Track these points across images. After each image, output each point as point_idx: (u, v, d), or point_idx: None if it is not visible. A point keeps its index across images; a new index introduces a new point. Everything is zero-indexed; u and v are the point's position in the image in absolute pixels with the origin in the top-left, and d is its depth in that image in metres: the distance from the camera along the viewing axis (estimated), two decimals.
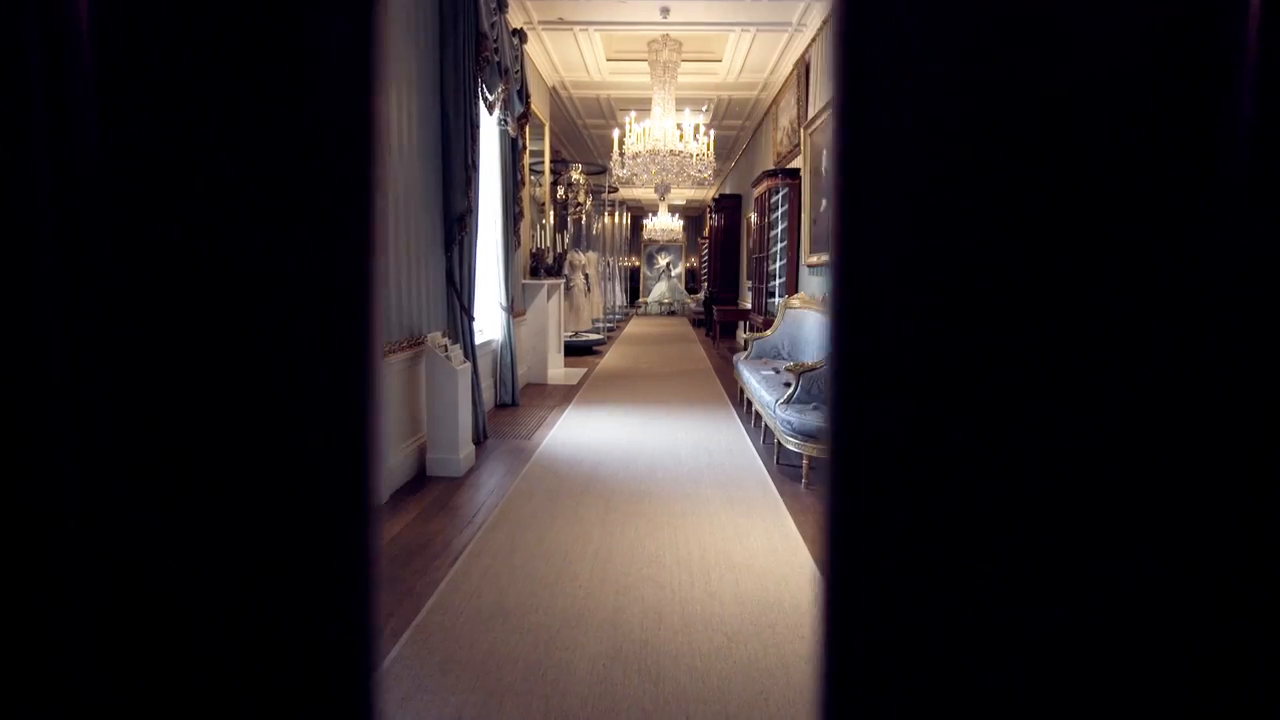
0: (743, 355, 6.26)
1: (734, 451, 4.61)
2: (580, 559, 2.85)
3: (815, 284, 6.36)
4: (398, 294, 3.85)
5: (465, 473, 4.08)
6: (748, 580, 2.66)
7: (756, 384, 4.95)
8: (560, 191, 10.18)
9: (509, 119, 5.40)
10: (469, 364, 4.19)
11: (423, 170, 4.22)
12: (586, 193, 11.01)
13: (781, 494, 3.72)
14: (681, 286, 22.39)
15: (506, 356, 5.97)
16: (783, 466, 4.28)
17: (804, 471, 3.89)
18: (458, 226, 4.51)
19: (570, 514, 3.38)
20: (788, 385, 4.61)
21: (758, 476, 4.04)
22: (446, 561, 2.84)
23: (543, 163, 8.40)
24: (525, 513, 3.40)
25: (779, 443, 4.26)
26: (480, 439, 4.76)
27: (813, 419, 3.82)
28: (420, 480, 3.96)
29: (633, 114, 7.34)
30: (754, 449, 4.67)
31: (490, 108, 4.95)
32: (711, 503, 3.57)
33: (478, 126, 4.55)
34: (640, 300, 22.45)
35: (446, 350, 4.04)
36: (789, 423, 3.89)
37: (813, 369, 4.19)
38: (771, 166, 8.07)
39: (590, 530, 3.17)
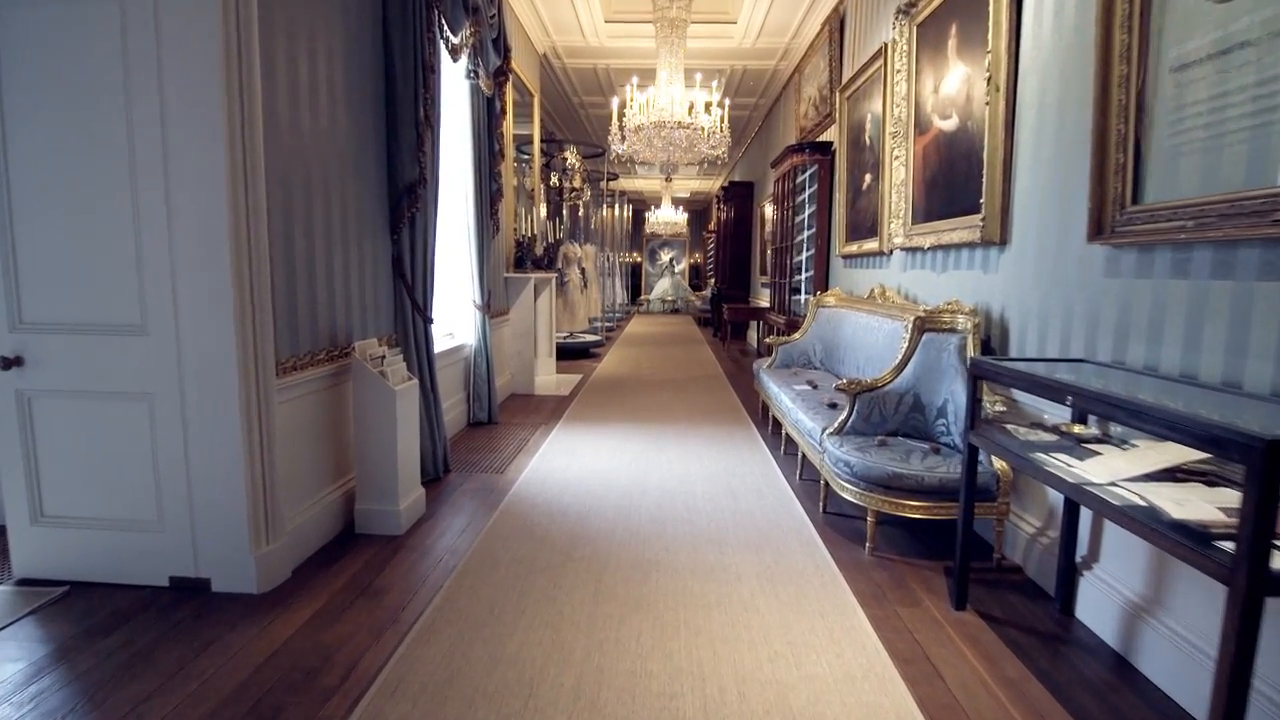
0: (765, 363, 5.22)
1: (764, 492, 3.57)
2: (553, 700, 1.82)
3: (854, 279, 5.32)
4: (309, 288, 2.81)
5: (408, 528, 3.04)
6: None
7: (790, 403, 3.91)
8: (554, 177, 9.12)
9: (480, 71, 4.35)
10: (415, 381, 3.15)
11: (354, 127, 3.17)
12: (583, 178, 9.93)
13: (840, 565, 2.69)
14: (685, 283, 21.44)
15: (481, 365, 4.94)
16: (830, 516, 3.24)
17: (869, 532, 2.84)
18: (407, 201, 3.47)
19: (544, 603, 2.35)
20: (835, 407, 3.57)
21: (802, 534, 3.00)
22: (340, 709, 1.80)
23: (532, 142, 7.36)
24: (480, 601, 2.37)
25: (825, 483, 3.23)
26: (439, 472, 3.73)
27: (881, 460, 2.77)
28: (345, 540, 2.92)
29: (635, 79, 6.28)
30: (788, 486, 3.63)
31: (454, 53, 3.90)
32: (745, 582, 2.54)
33: (433, 72, 3.51)
34: (642, 298, 21.50)
35: (383, 363, 3.01)
36: (847, 464, 2.85)
37: (874, 388, 3.15)
38: (795, 141, 7.01)
39: (572, 638, 2.14)
